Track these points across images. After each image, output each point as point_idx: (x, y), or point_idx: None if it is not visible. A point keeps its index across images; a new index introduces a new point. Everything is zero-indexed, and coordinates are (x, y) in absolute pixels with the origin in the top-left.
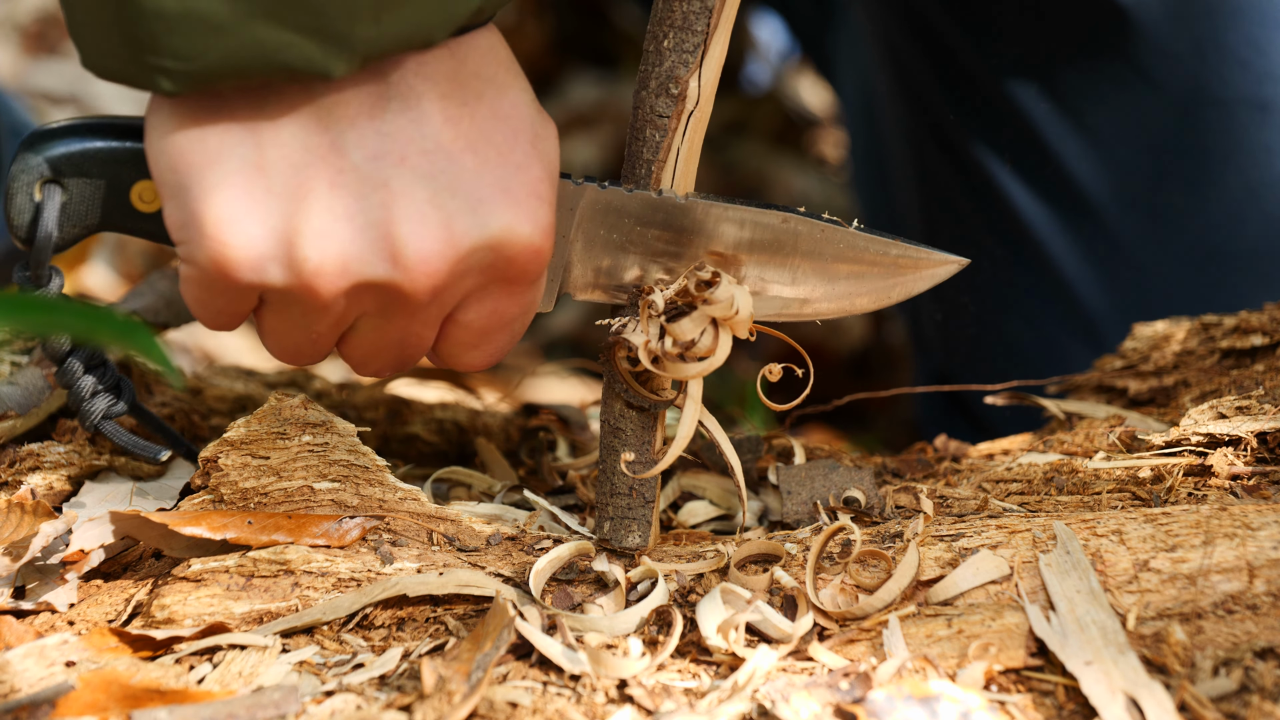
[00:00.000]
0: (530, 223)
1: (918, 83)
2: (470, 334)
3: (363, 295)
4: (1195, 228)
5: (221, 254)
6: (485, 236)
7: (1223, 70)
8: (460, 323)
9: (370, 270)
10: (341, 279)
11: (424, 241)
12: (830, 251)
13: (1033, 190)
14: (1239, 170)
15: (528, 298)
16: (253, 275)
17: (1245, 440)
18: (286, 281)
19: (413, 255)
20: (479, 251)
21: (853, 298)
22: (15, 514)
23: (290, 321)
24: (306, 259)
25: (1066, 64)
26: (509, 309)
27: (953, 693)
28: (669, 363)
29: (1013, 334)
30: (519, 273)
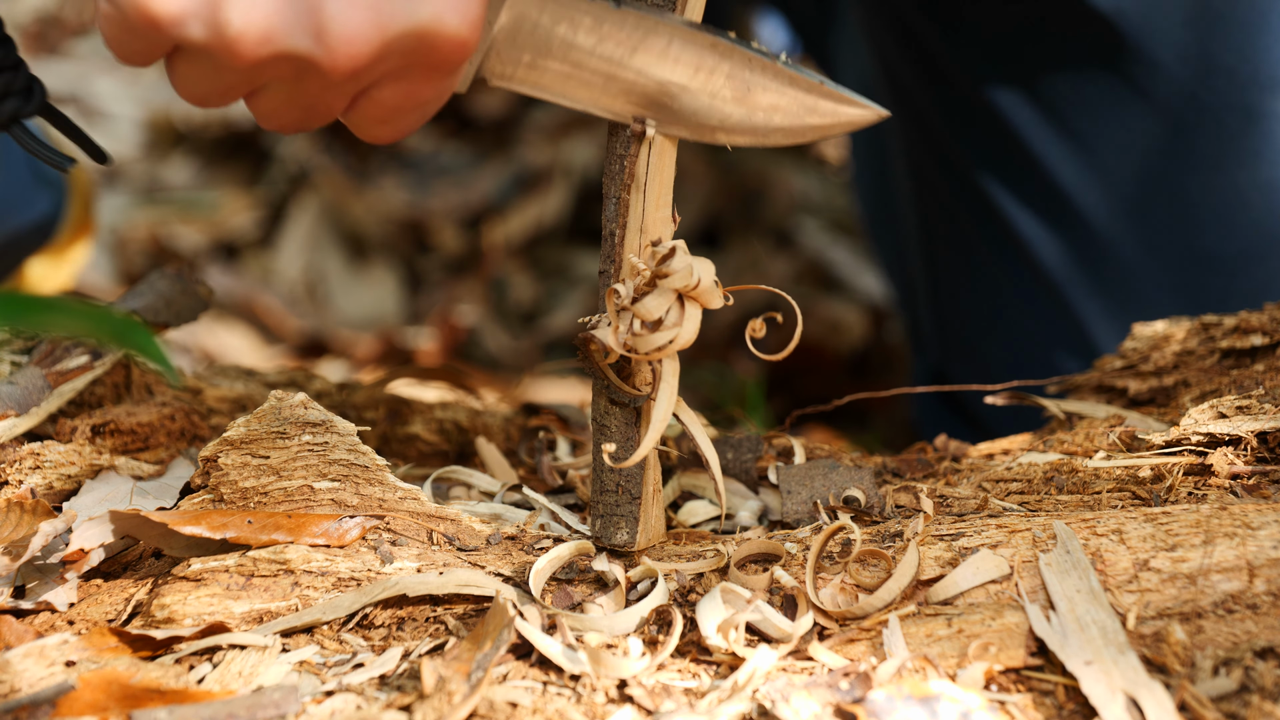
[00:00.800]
0: (458, 15)
1: (909, 91)
2: (381, 110)
3: (280, 64)
4: (1184, 234)
5: (144, 5)
6: (412, 24)
7: (1209, 78)
8: (373, 98)
9: (292, 42)
10: (262, 47)
11: (350, 22)
12: (752, 81)
13: (1021, 197)
14: (1227, 177)
15: (445, 83)
16: (173, 29)
17: (1245, 440)
18: (206, 40)
19: (336, 34)
20: (404, 38)
21: (768, 127)
22: (15, 513)
23: (202, 72)
24: (229, 22)
25: (1054, 73)
26: (424, 92)
27: (953, 692)
28: (638, 343)
29: (1005, 338)
30: (440, 61)
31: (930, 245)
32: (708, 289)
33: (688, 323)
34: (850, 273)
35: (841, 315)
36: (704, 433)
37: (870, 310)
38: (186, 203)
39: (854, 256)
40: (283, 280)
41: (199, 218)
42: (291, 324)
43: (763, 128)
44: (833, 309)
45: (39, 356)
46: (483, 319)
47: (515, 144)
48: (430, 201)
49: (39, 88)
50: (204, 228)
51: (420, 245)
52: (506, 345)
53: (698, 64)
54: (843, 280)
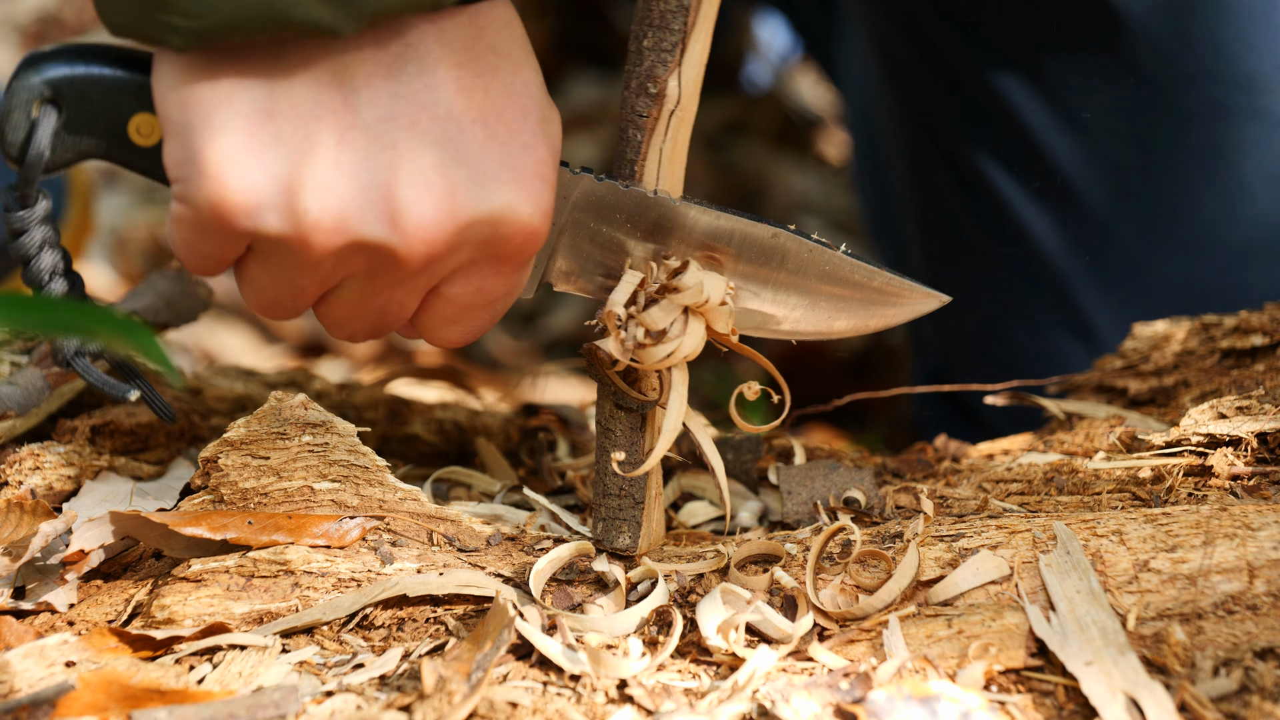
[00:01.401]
0: (531, 203)
1: (910, 81)
2: (453, 309)
3: (355, 255)
4: (1187, 222)
5: (221, 195)
6: (486, 211)
7: (1212, 65)
8: (445, 296)
9: (368, 230)
10: (338, 235)
11: (425, 208)
12: (814, 273)
13: (1024, 186)
14: (1230, 165)
15: (516, 278)
16: (249, 221)
17: (1245, 440)
18: (281, 231)
19: (412, 220)
20: (478, 225)
21: (831, 321)
22: (15, 514)
23: (275, 274)
24: (306, 210)
25: (1055, 60)
26: (495, 288)
27: (953, 693)
28: (642, 354)
29: (1007, 330)
30: (513, 252)
31: (928, 237)
32: (716, 307)
33: (690, 336)
34: None
35: None
36: (709, 438)
37: None
38: None
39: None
40: None
41: None
42: (292, 324)
43: (826, 320)
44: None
45: (39, 357)
46: None
47: None
48: None
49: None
50: None
51: None
52: (506, 345)
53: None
54: None
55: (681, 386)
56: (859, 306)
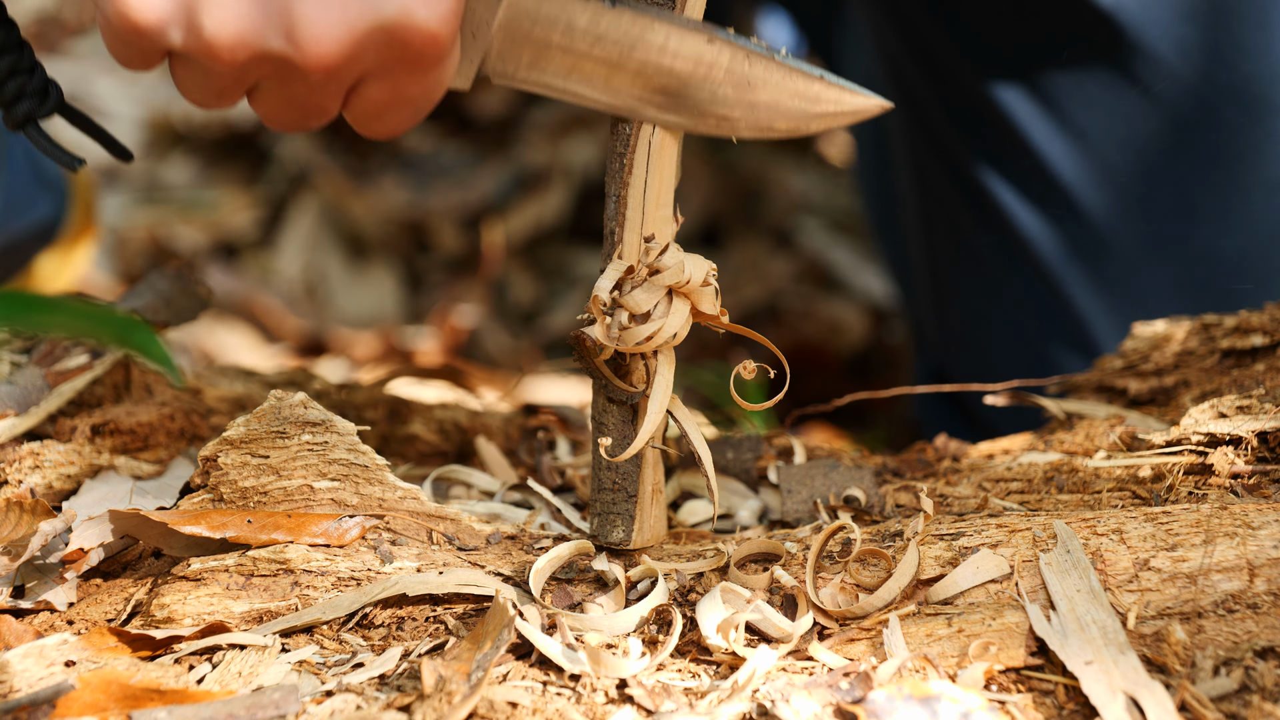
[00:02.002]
0: (427, 9)
1: (912, 87)
2: (373, 106)
3: (260, 64)
4: (1185, 230)
5: (123, 13)
6: (380, 19)
7: (1209, 72)
8: (363, 95)
9: (265, 43)
10: (238, 49)
11: (318, 21)
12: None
13: (1022, 192)
14: (1227, 171)
15: (430, 78)
16: (154, 37)
17: (1246, 439)
18: (186, 45)
19: (306, 33)
20: (374, 34)
21: (771, 122)
22: (14, 513)
23: (195, 76)
24: (203, 26)
25: (1053, 68)
26: (410, 88)
27: (953, 692)
28: (625, 335)
29: (1006, 335)
30: (416, 56)
31: (930, 241)
32: (699, 286)
33: (674, 316)
34: (850, 273)
35: (841, 315)
36: (697, 428)
37: (870, 310)
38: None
39: (854, 256)
40: (282, 280)
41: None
42: (291, 324)
43: (765, 121)
44: (833, 309)
45: (39, 356)
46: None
47: (515, 144)
48: (430, 201)
49: (55, 89)
50: (204, 228)
51: (420, 245)
52: (506, 345)
53: (696, 58)
54: (843, 280)
55: (667, 372)
56: (799, 109)
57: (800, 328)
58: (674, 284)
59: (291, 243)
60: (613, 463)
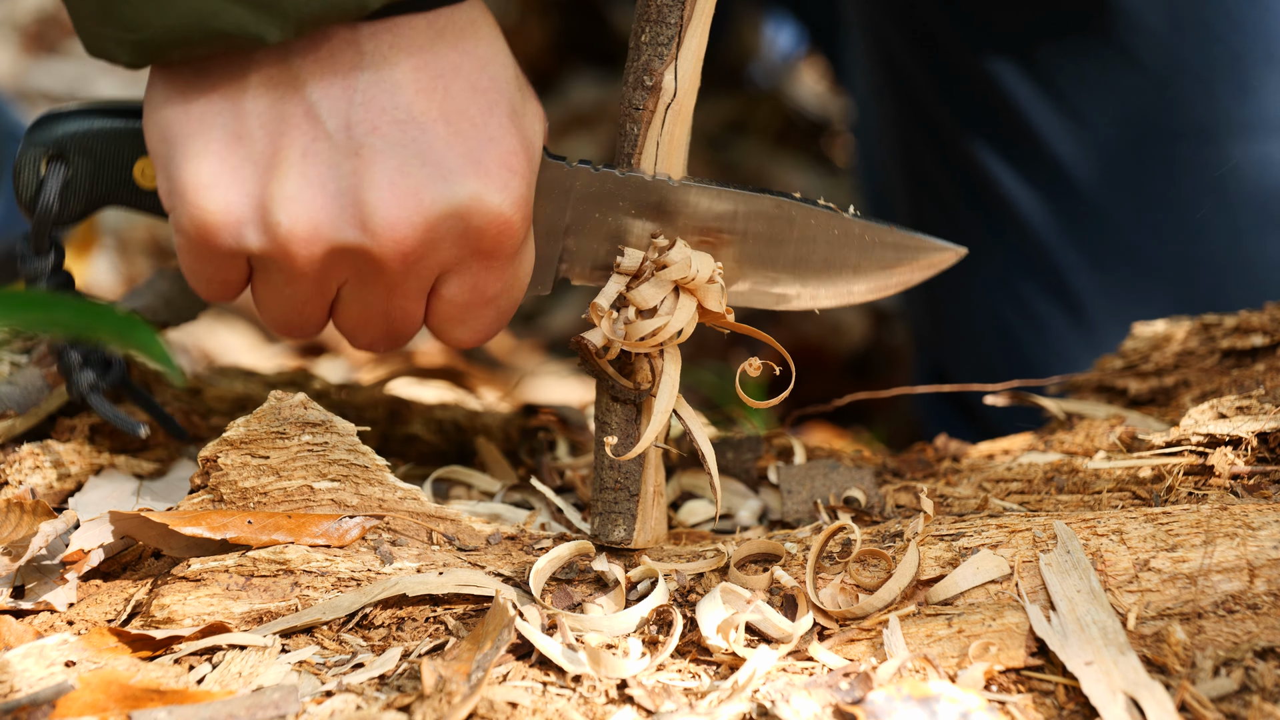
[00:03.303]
0: (500, 193)
1: (904, 68)
2: (454, 309)
3: (338, 261)
4: (1179, 206)
5: (200, 218)
6: (452, 204)
7: (1202, 47)
8: (443, 297)
9: (340, 235)
10: (313, 244)
11: (391, 208)
12: (825, 239)
13: (1017, 171)
14: (1220, 148)
15: (508, 273)
16: (230, 240)
17: (1246, 440)
18: (262, 246)
19: (380, 221)
20: (447, 220)
21: (850, 287)
22: (15, 513)
23: (275, 289)
24: (279, 223)
25: (1046, 43)
26: (489, 284)
27: (952, 693)
28: (630, 330)
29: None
30: (491, 245)
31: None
32: (705, 282)
33: (680, 311)
34: None
35: (841, 315)
36: (702, 430)
37: (870, 310)
38: None
39: None
40: None
41: None
42: None
43: (845, 293)
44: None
45: (39, 356)
46: None
47: None
48: None
49: (117, 363)
50: None
51: None
52: (506, 345)
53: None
54: None
55: (673, 370)
56: (876, 269)
57: (800, 328)
58: (680, 279)
59: None
60: (616, 461)
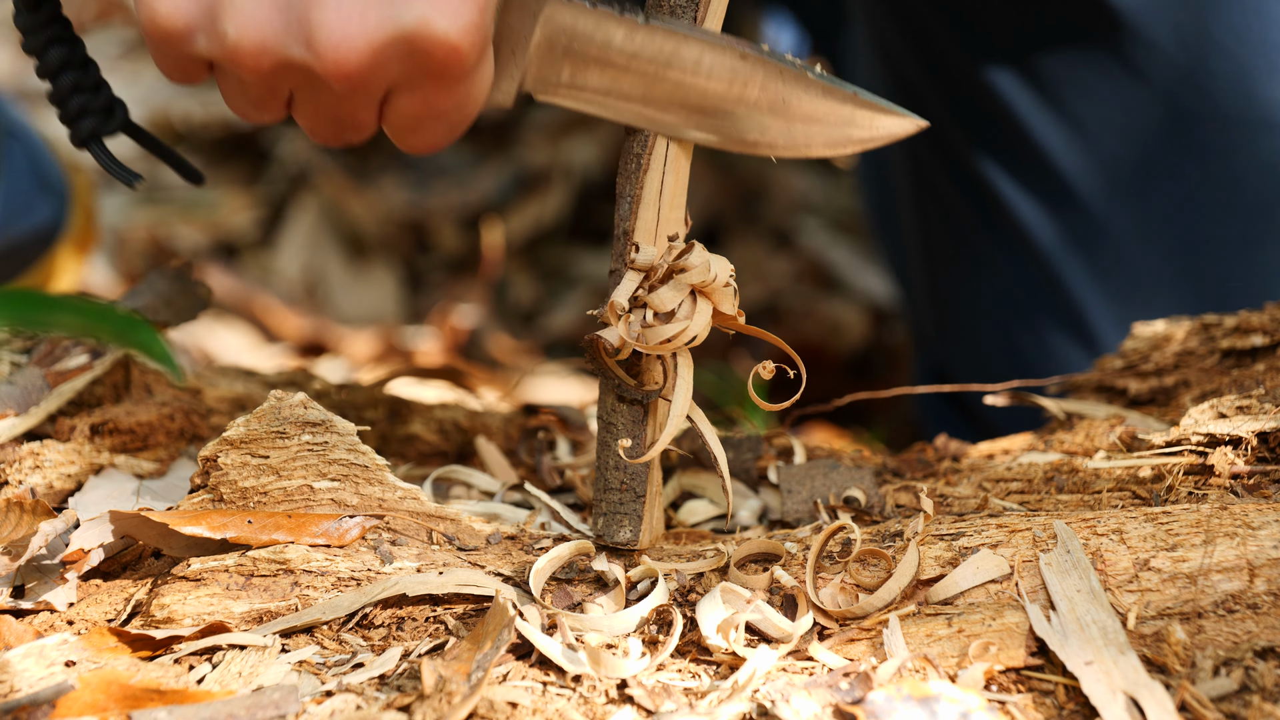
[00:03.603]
0: (447, 18)
1: (909, 78)
2: (405, 119)
3: (286, 73)
4: (1182, 218)
5: (153, 19)
6: (398, 28)
7: (1207, 60)
8: (395, 108)
9: (286, 51)
10: (260, 56)
11: (336, 29)
12: (787, 94)
13: (1019, 182)
14: (1225, 160)
15: (460, 91)
16: (182, 42)
17: (1246, 440)
18: (211, 53)
19: (324, 41)
20: (394, 44)
21: (808, 140)
22: (14, 513)
23: (230, 84)
24: (226, 33)
25: (1050, 56)
26: (441, 101)
27: (952, 693)
28: (648, 334)
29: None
30: (440, 67)
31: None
32: (722, 287)
33: (698, 316)
34: (850, 273)
35: (841, 315)
36: (713, 431)
37: (870, 310)
38: (186, 202)
39: (854, 256)
40: (283, 280)
41: (199, 217)
42: (291, 324)
43: (802, 139)
44: (833, 309)
45: (38, 356)
46: (483, 319)
47: (515, 144)
48: (430, 201)
49: (120, 108)
50: (204, 228)
51: (420, 245)
52: (506, 345)
53: (731, 76)
54: (843, 280)
55: (687, 373)
56: (834, 126)
57: (800, 328)
58: (699, 283)
59: (291, 242)
60: (622, 463)
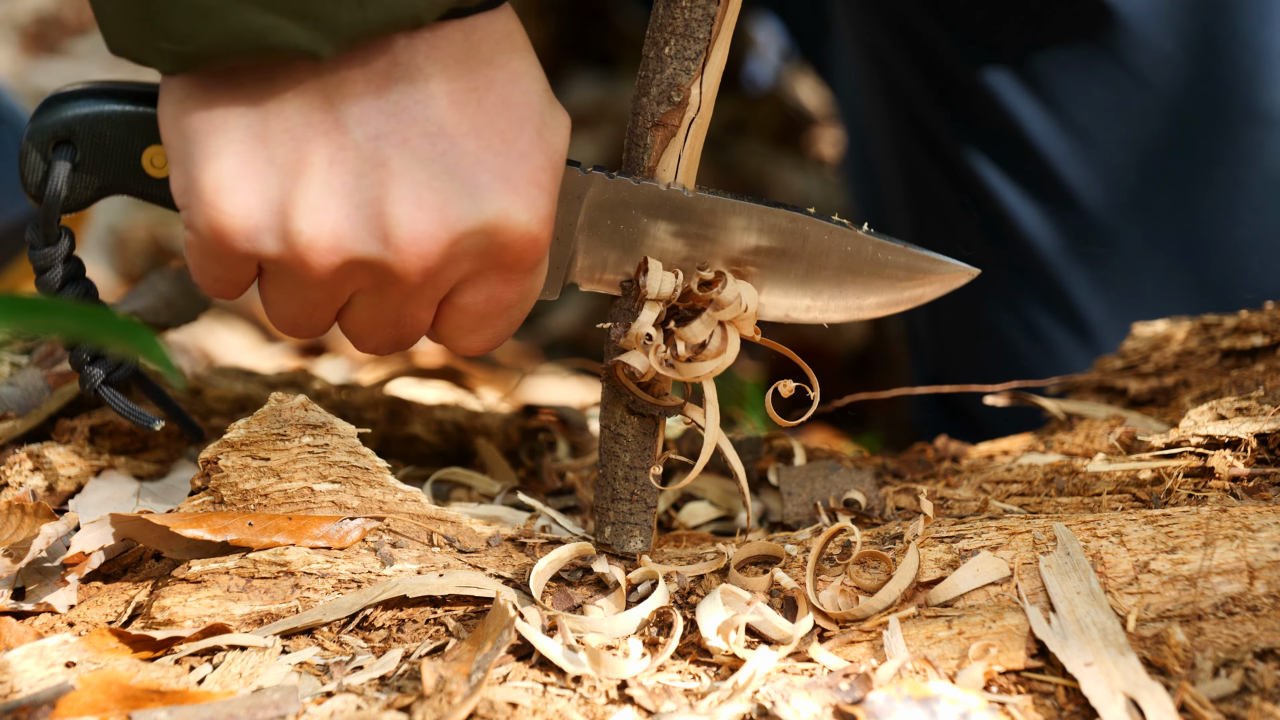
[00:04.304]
0: (528, 210)
1: (903, 86)
2: (467, 318)
3: (355, 272)
4: (1185, 225)
5: (217, 220)
6: (479, 221)
7: (1210, 66)
8: (457, 306)
9: (362, 248)
10: (333, 254)
11: (416, 223)
12: (837, 254)
13: (1020, 189)
14: (1228, 166)
15: (526, 285)
16: (246, 244)
17: (1245, 441)
18: (279, 253)
19: (404, 235)
20: (473, 236)
21: (861, 303)
22: (15, 515)
23: (286, 293)
24: (300, 232)
25: (1052, 62)
26: (506, 295)
27: (952, 694)
28: (682, 366)
29: (1004, 332)
30: (514, 260)
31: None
32: (751, 317)
33: (730, 348)
34: None
35: None
36: (730, 445)
37: None
38: None
39: None
40: None
41: None
42: None
43: (856, 309)
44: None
45: (39, 357)
46: None
47: None
48: None
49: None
50: None
51: None
52: (506, 345)
53: (782, 240)
54: None
55: (713, 393)
56: (888, 285)
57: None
58: (734, 318)
59: None
60: (632, 473)
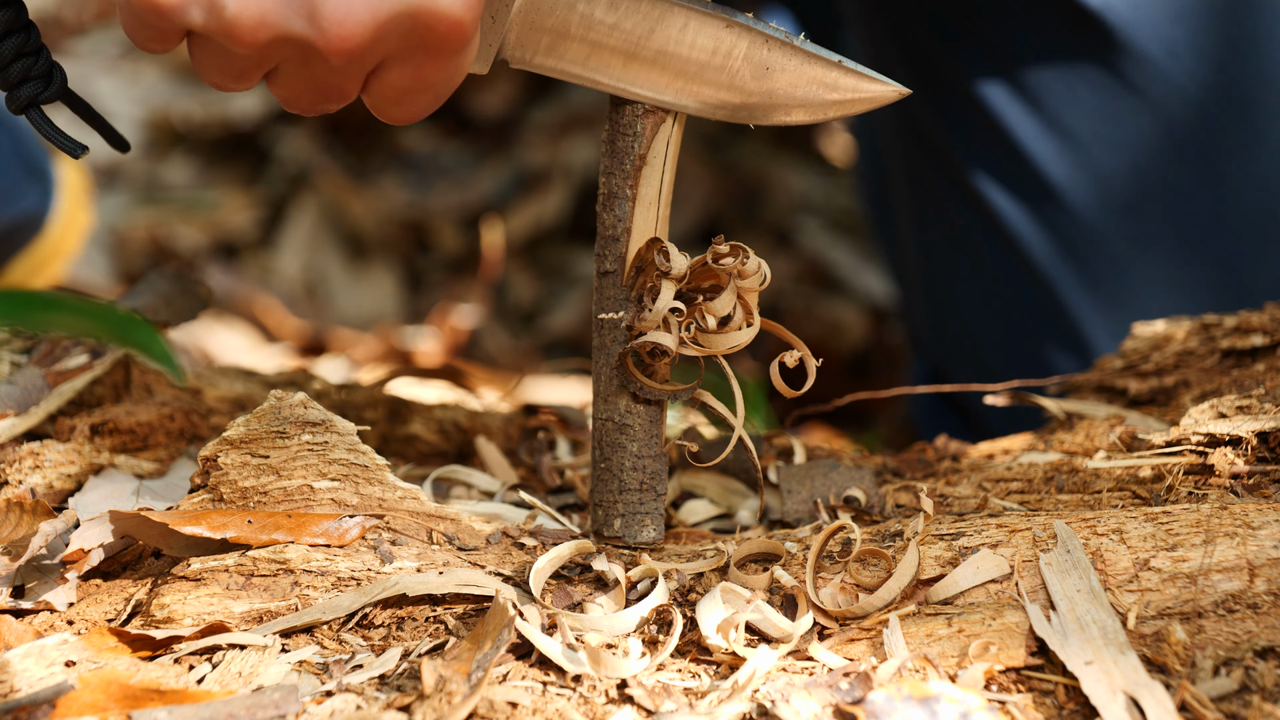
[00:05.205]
0: None
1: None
2: (392, 91)
3: (282, 46)
4: (1176, 229)
5: None
6: (406, 5)
7: (1199, 71)
8: (383, 80)
9: (287, 25)
10: (259, 30)
11: (342, 4)
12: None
13: (1013, 194)
14: (1219, 173)
15: (451, 64)
16: (174, 16)
17: (1246, 440)
18: (206, 25)
19: (329, 16)
20: (398, 19)
21: (789, 106)
22: (15, 513)
23: (212, 55)
24: (225, 6)
25: (1044, 70)
26: (431, 74)
27: (952, 693)
28: (710, 338)
29: (1000, 334)
30: (439, 42)
31: (925, 243)
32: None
33: (755, 319)
34: (850, 273)
35: (841, 315)
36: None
37: (870, 310)
38: (186, 202)
39: (854, 256)
40: (283, 280)
41: (198, 217)
42: (291, 324)
43: (783, 106)
44: (833, 309)
45: (38, 356)
46: (483, 319)
47: (515, 144)
48: (430, 201)
49: (59, 74)
50: (203, 227)
51: (420, 245)
52: (506, 345)
53: (715, 45)
54: (843, 280)
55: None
56: (815, 91)
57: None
58: (751, 289)
59: (291, 243)
60: (640, 462)
